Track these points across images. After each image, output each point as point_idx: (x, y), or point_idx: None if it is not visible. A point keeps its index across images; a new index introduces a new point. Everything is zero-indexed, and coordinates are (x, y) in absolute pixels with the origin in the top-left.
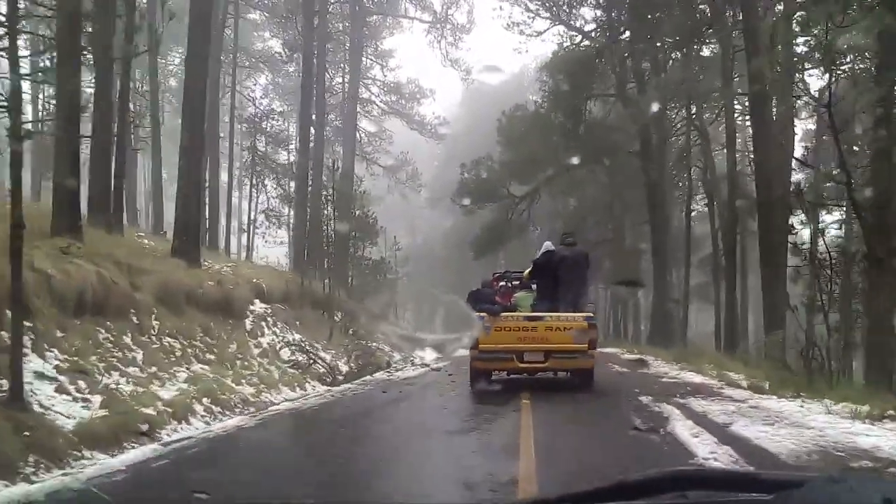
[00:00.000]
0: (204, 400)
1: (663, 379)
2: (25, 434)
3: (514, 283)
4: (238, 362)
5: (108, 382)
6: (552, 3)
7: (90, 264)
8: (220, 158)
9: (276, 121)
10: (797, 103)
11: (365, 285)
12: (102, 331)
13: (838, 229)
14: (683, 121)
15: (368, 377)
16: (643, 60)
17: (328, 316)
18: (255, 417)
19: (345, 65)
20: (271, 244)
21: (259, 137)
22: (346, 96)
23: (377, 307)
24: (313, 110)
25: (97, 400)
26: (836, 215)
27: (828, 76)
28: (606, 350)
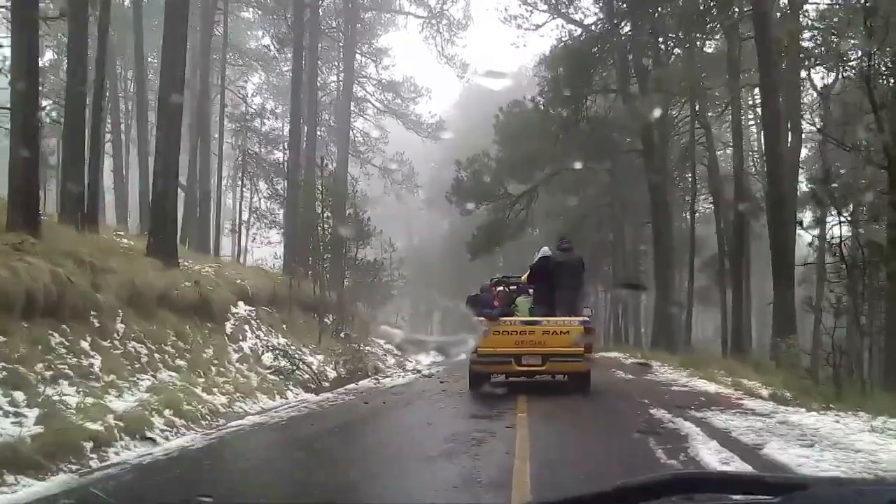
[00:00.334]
0: (165, 412)
1: (673, 388)
2: None
3: (513, 288)
4: (213, 369)
5: (52, 394)
6: None
7: (45, 262)
8: (211, 158)
9: (270, 120)
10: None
11: (359, 287)
12: (56, 335)
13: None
14: (686, 118)
15: (353, 385)
16: (645, 55)
17: (318, 319)
18: (209, 436)
19: (338, 62)
20: (263, 245)
21: (250, 136)
22: (340, 94)
23: (371, 310)
24: (304, 107)
25: (33, 414)
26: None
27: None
28: (608, 355)
